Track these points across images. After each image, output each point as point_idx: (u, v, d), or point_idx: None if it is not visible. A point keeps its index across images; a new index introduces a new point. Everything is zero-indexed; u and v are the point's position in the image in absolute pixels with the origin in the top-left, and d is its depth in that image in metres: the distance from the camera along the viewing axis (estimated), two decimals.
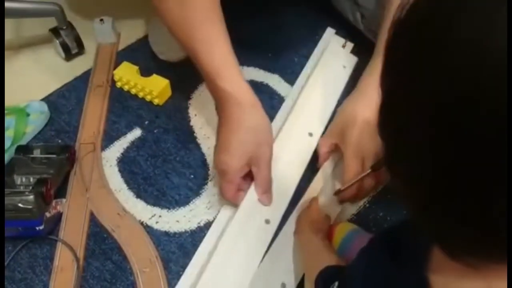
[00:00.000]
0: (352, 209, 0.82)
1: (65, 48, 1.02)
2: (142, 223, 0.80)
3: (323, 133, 0.88)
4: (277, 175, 0.80)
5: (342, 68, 0.99)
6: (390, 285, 0.42)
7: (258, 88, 0.99)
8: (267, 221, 0.77)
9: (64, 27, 1.02)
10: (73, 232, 0.78)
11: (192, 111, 0.94)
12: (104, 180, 0.84)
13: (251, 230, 0.76)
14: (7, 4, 0.95)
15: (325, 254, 0.66)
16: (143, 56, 1.03)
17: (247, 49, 1.03)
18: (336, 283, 0.53)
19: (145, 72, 0.98)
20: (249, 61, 1.02)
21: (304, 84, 0.95)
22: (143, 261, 0.75)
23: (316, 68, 0.98)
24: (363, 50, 1.05)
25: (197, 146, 0.90)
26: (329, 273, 0.58)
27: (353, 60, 1.01)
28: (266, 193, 0.77)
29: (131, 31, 1.09)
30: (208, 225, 0.79)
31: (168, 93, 0.97)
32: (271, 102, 0.95)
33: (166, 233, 0.78)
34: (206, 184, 0.84)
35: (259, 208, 0.78)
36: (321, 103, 0.93)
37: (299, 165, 0.84)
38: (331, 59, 1.00)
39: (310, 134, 0.88)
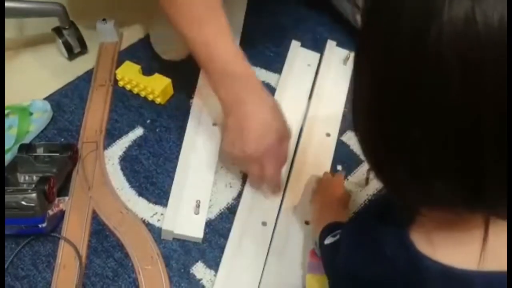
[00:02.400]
0: (352, 207, 0.82)
1: (68, 47, 1.03)
2: (143, 221, 0.80)
3: (301, 132, 0.92)
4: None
5: (306, 66, 1.03)
6: (373, 240, 0.46)
7: None
8: (264, 223, 0.79)
9: (67, 27, 1.02)
10: (75, 230, 0.79)
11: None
12: (106, 178, 0.85)
13: (249, 233, 0.78)
14: (10, 4, 0.95)
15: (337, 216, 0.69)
16: (145, 55, 1.04)
17: (249, 48, 1.03)
18: (333, 238, 0.57)
19: (147, 71, 0.98)
20: (251, 61, 1.02)
21: (276, 90, 0.98)
22: (145, 258, 0.76)
23: (284, 71, 1.01)
24: None
25: None
26: (333, 225, 0.61)
27: (316, 57, 1.04)
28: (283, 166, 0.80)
29: (133, 31, 1.10)
30: (209, 223, 0.80)
31: (170, 92, 0.97)
32: None
33: None
34: None
35: (255, 211, 0.80)
36: (293, 104, 0.95)
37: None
38: (295, 60, 1.03)
39: None
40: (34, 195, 0.72)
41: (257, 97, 0.76)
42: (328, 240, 0.58)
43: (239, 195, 0.84)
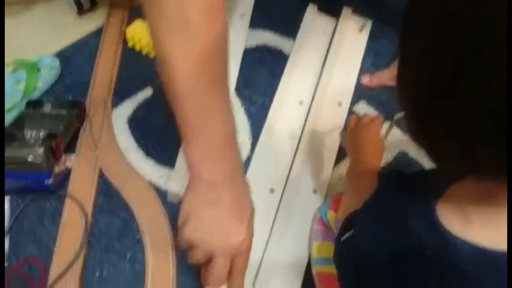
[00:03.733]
0: None
1: (78, 3, 1.01)
2: (150, 182, 0.80)
3: (312, 100, 0.90)
4: (274, 144, 0.82)
5: (321, 33, 1.00)
6: (395, 213, 0.45)
7: (271, 52, 0.98)
8: (272, 191, 0.78)
9: None
10: (81, 188, 0.78)
11: None
12: (113, 138, 0.84)
13: (256, 200, 0.76)
14: None
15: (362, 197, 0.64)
16: None
17: (262, 13, 1.01)
18: (349, 233, 0.54)
19: None
20: (265, 24, 1.01)
21: (290, 56, 0.96)
22: (151, 219, 0.76)
23: (298, 36, 0.99)
24: None
25: None
26: (351, 220, 0.57)
27: (332, 23, 1.02)
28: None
29: None
30: None
31: None
32: (282, 68, 0.94)
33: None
34: None
35: (263, 178, 0.79)
36: (307, 72, 0.94)
37: (293, 133, 0.86)
38: (311, 26, 1.01)
39: (301, 103, 0.89)
40: (41, 150, 0.71)
41: (240, 190, 0.65)
42: (345, 236, 0.56)
43: (248, 161, 0.83)
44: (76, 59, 0.95)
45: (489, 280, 0.38)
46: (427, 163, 0.83)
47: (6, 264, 0.71)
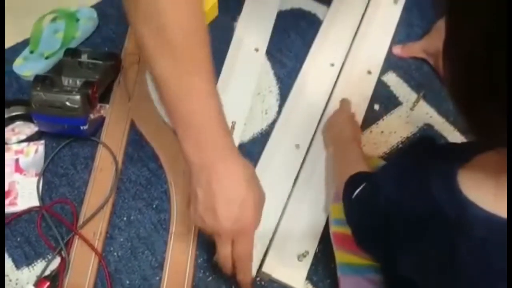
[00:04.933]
0: (384, 148, 0.83)
1: None
2: None
3: (342, 66, 0.91)
4: (303, 102, 0.85)
5: (356, 2, 0.99)
6: (420, 176, 0.45)
7: (305, 16, 0.98)
8: (297, 146, 0.81)
9: None
10: (114, 137, 0.81)
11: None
12: (146, 91, 0.86)
13: (281, 155, 0.79)
14: None
15: (359, 164, 0.67)
16: None
17: None
18: (363, 185, 0.56)
19: None
20: None
21: (324, 21, 0.97)
22: (178, 172, 0.78)
23: (333, 4, 0.98)
24: None
25: None
26: (359, 177, 0.60)
27: None
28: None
29: None
30: (241, 146, 0.82)
31: (215, 13, 0.96)
32: (316, 33, 0.95)
33: None
34: None
35: (289, 134, 0.81)
36: (339, 38, 0.94)
37: (322, 94, 0.87)
38: None
39: (332, 65, 0.90)
40: (78, 97, 0.74)
41: (231, 169, 0.63)
42: (356, 192, 0.56)
43: (274, 122, 0.84)
44: (114, 12, 0.97)
45: (501, 250, 0.39)
46: (452, 137, 0.84)
47: (40, 203, 0.76)
